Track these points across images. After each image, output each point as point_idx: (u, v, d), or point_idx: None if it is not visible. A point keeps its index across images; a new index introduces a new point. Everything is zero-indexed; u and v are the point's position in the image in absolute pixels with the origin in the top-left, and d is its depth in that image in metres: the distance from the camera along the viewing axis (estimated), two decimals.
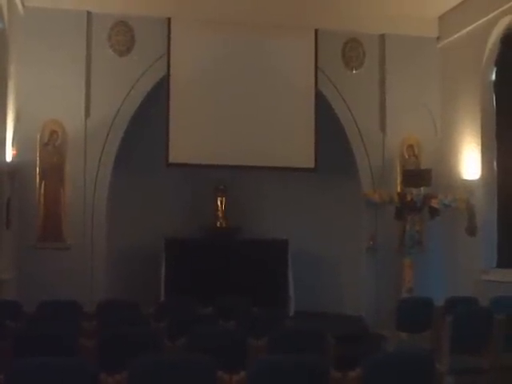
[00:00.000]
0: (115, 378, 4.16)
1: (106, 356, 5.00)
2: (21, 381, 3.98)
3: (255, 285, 9.84)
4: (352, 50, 11.07)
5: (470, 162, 10.27)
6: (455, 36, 10.73)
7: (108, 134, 10.19)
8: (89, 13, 10.15)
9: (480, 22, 9.99)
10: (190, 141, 10.43)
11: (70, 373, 4.01)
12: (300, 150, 10.79)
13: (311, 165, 10.77)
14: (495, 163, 10.01)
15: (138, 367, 4.14)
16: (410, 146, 11.05)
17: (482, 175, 10.04)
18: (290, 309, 10.06)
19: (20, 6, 9.63)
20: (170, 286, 9.87)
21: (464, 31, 10.45)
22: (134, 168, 10.75)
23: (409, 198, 10.13)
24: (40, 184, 9.84)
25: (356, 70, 11.08)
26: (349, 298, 11.01)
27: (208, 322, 6.32)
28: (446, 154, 10.86)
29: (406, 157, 11.05)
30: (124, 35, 10.36)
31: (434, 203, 9.99)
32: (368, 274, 10.78)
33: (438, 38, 11.19)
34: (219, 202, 10.87)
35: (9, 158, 8.95)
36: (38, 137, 9.87)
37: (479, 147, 10.09)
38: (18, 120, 9.39)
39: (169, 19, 10.44)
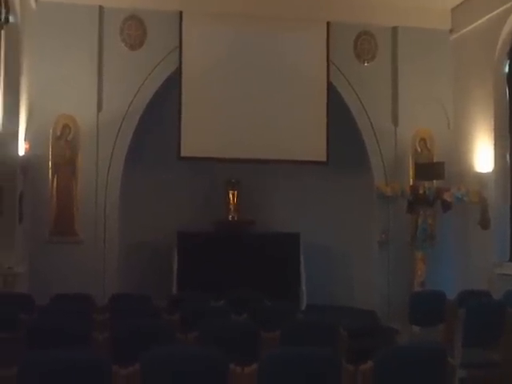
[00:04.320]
0: (128, 371, 4.16)
1: (118, 349, 5.00)
2: (33, 373, 3.98)
3: (267, 278, 9.86)
4: (364, 43, 11.04)
5: (483, 155, 10.22)
6: (468, 28, 10.68)
7: (120, 128, 10.21)
8: (101, 7, 10.19)
9: (493, 13, 9.93)
10: (201, 134, 10.45)
11: (82, 365, 4.01)
12: (312, 144, 10.79)
13: (323, 158, 10.78)
14: (508, 156, 9.98)
15: (150, 360, 4.13)
16: (423, 139, 11.03)
17: (495, 168, 10.00)
18: (302, 302, 10.09)
19: (32, 1, 9.66)
20: (182, 279, 9.91)
21: (477, 23, 10.40)
22: (146, 162, 10.77)
23: (421, 192, 10.12)
24: (52, 178, 9.90)
25: (368, 62, 11.05)
26: (361, 292, 10.99)
27: (220, 315, 6.30)
28: (459, 146, 10.80)
29: (419, 150, 11.03)
30: (136, 29, 10.37)
31: (447, 196, 9.95)
32: (380, 267, 10.77)
33: (451, 31, 11.14)
34: (231, 196, 10.81)
35: (21, 152, 8.99)
36: (51, 131, 9.91)
37: (492, 140, 10.05)
38: (30, 114, 9.43)
39: (180, 13, 10.44)
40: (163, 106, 10.45)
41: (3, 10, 7.12)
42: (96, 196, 10.00)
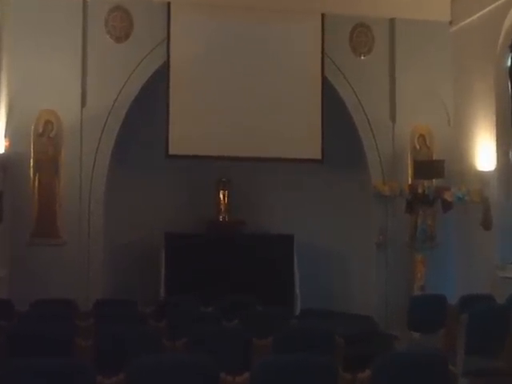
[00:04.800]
0: (112, 381, 4.13)
1: (102, 357, 4.99)
2: (13, 382, 3.94)
3: (259, 282, 9.89)
4: (360, 36, 11.02)
5: (485, 153, 10.20)
6: (468, 20, 10.65)
7: (105, 124, 10.17)
8: None
9: (495, 4, 9.91)
10: (191, 131, 10.44)
11: (65, 374, 3.98)
12: (306, 141, 10.78)
13: (318, 156, 10.78)
14: (511, 153, 9.96)
15: (136, 369, 4.11)
16: (422, 136, 11.02)
17: (498, 166, 9.97)
18: (296, 307, 10.07)
19: None
20: (170, 283, 9.92)
21: (478, 15, 10.37)
22: (132, 160, 10.76)
23: (420, 191, 10.12)
24: (34, 177, 9.82)
25: (364, 56, 11.03)
26: (358, 296, 11.01)
27: (210, 322, 6.32)
28: (460, 143, 10.80)
29: (418, 147, 11.02)
30: (121, 21, 10.33)
31: (447, 196, 9.94)
32: (378, 270, 10.79)
33: (451, 23, 11.12)
34: (222, 195, 10.84)
35: (1, 149, 8.98)
36: (32, 127, 9.85)
37: (494, 136, 10.02)
38: (10, 110, 9.47)
39: (168, 3, 10.40)
40: (151, 101, 10.42)
41: None
42: (80, 196, 9.95)
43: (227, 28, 10.57)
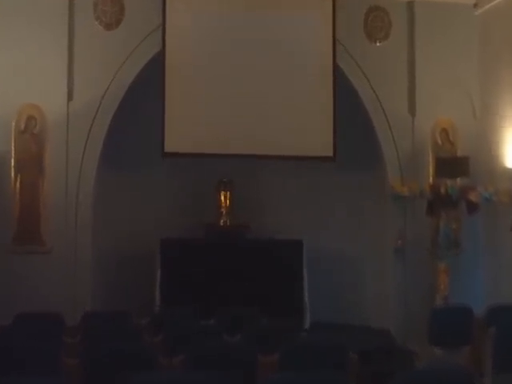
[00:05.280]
0: None
1: (92, 376, 5.00)
2: None
3: (265, 292, 9.90)
4: (376, 20, 11.03)
5: None
6: (495, 2, 10.62)
7: (94, 120, 10.17)
8: None
9: None
10: (189, 127, 10.44)
11: None
12: (316, 137, 10.78)
13: (329, 153, 10.74)
14: None
15: None
16: (444, 130, 11.02)
17: None
18: (305, 320, 10.11)
19: None
20: (166, 294, 9.93)
21: None
22: (124, 158, 10.74)
23: (443, 191, 10.10)
24: (15, 177, 9.83)
25: (381, 42, 11.05)
26: (374, 307, 11.00)
27: (211, 336, 6.32)
28: (486, 138, 10.78)
29: (440, 143, 11.02)
30: (112, 5, 10.33)
31: (473, 196, 9.91)
32: (396, 279, 10.79)
33: (476, 5, 11.10)
34: (223, 198, 10.83)
35: None
36: (13, 124, 9.86)
37: None
38: None
39: None
40: (144, 94, 10.37)
41: None
42: (66, 198, 9.94)
43: (229, 14, 10.57)
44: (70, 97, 10.08)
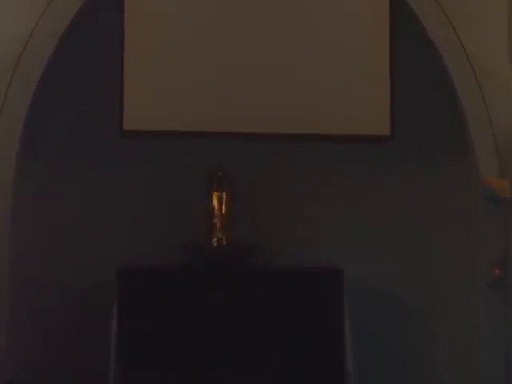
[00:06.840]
0: None
1: None
2: None
3: (282, 351, 9.79)
4: None
5: None
6: None
7: (12, 78, 9.87)
8: None
9: None
10: (162, 92, 10.12)
11: None
12: (363, 107, 10.42)
13: (385, 131, 10.30)
14: None
15: None
16: None
17: None
18: None
19: None
20: (126, 352, 9.75)
21: None
22: (61, 140, 10.67)
23: None
24: None
25: None
26: (453, 370, 10.65)
27: None
28: None
29: None
30: None
31: None
32: (491, 325, 10.25)
33: None
34: (216, 201, 10.45)
35: None
36: None
37: None
38: None
39: None
40: (92, 41, 10.48)
41: None
42: None
43: None
44: None
